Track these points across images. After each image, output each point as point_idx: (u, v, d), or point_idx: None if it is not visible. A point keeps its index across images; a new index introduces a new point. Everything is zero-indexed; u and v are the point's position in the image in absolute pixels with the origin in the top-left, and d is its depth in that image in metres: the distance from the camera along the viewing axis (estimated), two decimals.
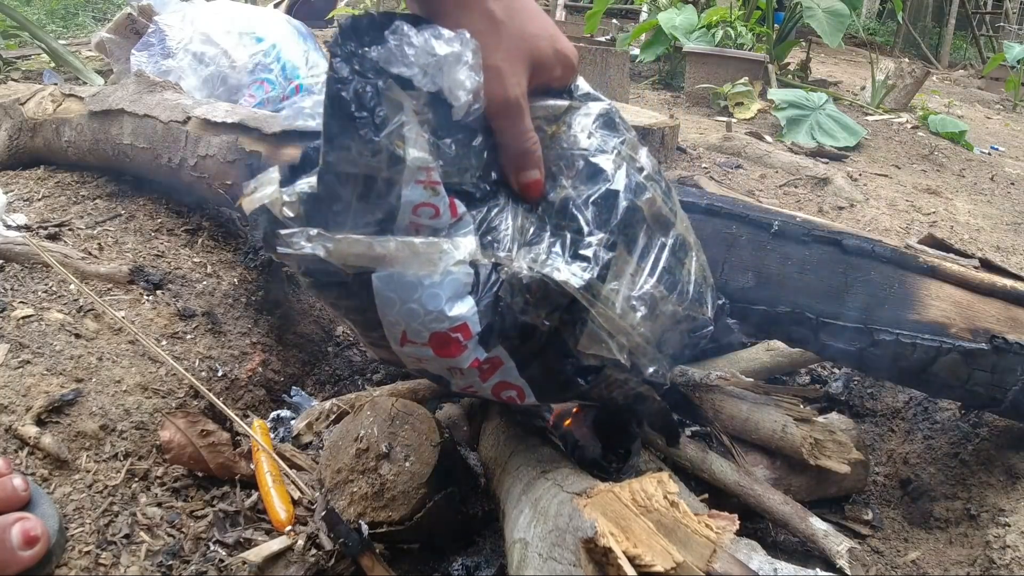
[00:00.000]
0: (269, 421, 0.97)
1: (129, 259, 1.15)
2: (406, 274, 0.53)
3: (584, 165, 0.59)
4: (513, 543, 0.60)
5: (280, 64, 1.73)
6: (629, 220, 0.59)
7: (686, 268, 0.63)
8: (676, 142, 2.06)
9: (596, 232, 0.57)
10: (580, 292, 0.55)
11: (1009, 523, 0.79)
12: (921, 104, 3.93)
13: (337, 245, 0.52)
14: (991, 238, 1.93)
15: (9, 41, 3.08)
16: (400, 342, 0.58)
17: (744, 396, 0.96)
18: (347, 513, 0.75)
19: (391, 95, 0.51)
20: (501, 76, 0.56)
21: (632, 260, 0.59)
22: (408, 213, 0.53)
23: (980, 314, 0.79)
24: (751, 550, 0.52)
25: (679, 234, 0.63)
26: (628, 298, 0.58)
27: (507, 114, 0.57)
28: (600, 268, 0.56)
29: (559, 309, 0.56)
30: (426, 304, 0.54)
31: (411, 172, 0.52)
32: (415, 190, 0.52)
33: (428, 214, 0.53)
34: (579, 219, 0.57)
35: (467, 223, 0.55)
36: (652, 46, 4.44)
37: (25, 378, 0.83)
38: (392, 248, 0.52)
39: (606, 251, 0.57)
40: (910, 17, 8.39)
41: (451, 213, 0.54)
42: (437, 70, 0.52)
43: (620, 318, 0.57)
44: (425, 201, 0.53)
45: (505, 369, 0.59)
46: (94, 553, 0.70)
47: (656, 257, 0.61)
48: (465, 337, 0.56)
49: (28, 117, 1.47)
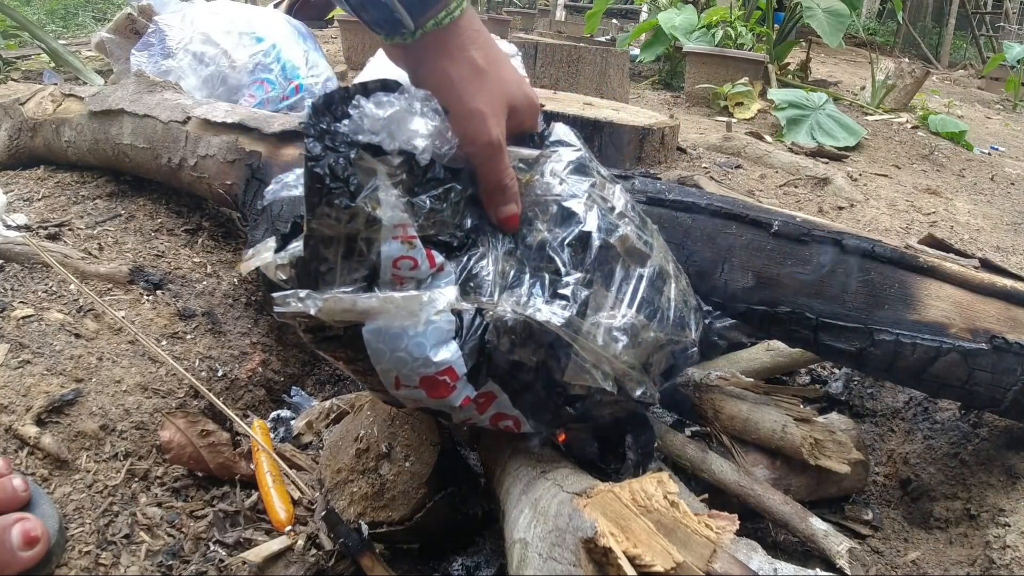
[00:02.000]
0: (269, 421, 0.97)
1: (129, 259, 1.15)
2: (392, 326, 0.58)
3: (557, 209, 0.64)
4: (513, 543, 0.60)
5: (280, 64, 1.73)
6: (603, 257, 0.63)
7: (665, 296, 0.66)
8: (676, 142, 2.06)
9: (573, 272, 0.62)
10: (562, 329, 0.59)
11: (1009, 523, 0.79)
12: (921, 104, 3.93)
13: (325, 304, 0.56)
14: (991, 238, 1.93)
15: (9, 41, 3.08)
16: (395, 386, 0.62)
17: (744, 396, 0.96)
18: (347, 513, 0.75)
19: (363, 163, 0.56)
20: (484, 119, 0.60)
21: (610, 294, 0.63)
22: (389, 267, 0.58)
23: (980, 314, 0.79)
24: (751, 550, 0.52)
25: (656, 264, 0.67)
26: (609, 330, 0.62)
27: (489, 154, 0.61)
28: (579, 305, 0.61)
29: (544, 346, 0.60)
30: (412, 352, 0.59)
31: (388, 230, 0.57)
32: (393, 245, 0.57)
33: (408, 266, 0.58)
34: (556, 260, 0.62)
35: (448, 273, 0.60)
36: (652, 46, 4.44)
37: (25, 378, 0.83)
38: (375, 304, 0.57)
39: (584, 288, 0.61)
40: (910, 17, 8.40)
41: (429, 263, 0.59)
42: (391, 128, 0.58)
43: (602, 349, 0.61)
44: (404, 254, 0.58)
45: (499, 402, 0.63)
46: (94, 553, 0.70)
47: (635, 288, 0.64)
48: (452, 379, 0.60)
49: (28, 117, 1.47)
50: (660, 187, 0.88)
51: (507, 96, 0.63)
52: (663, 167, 1.89)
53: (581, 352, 0.60)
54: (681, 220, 0.85)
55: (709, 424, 0.94)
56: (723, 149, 2.39)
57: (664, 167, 1.90)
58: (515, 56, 2.05)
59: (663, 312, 0.66)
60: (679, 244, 0.84)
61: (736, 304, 0.84)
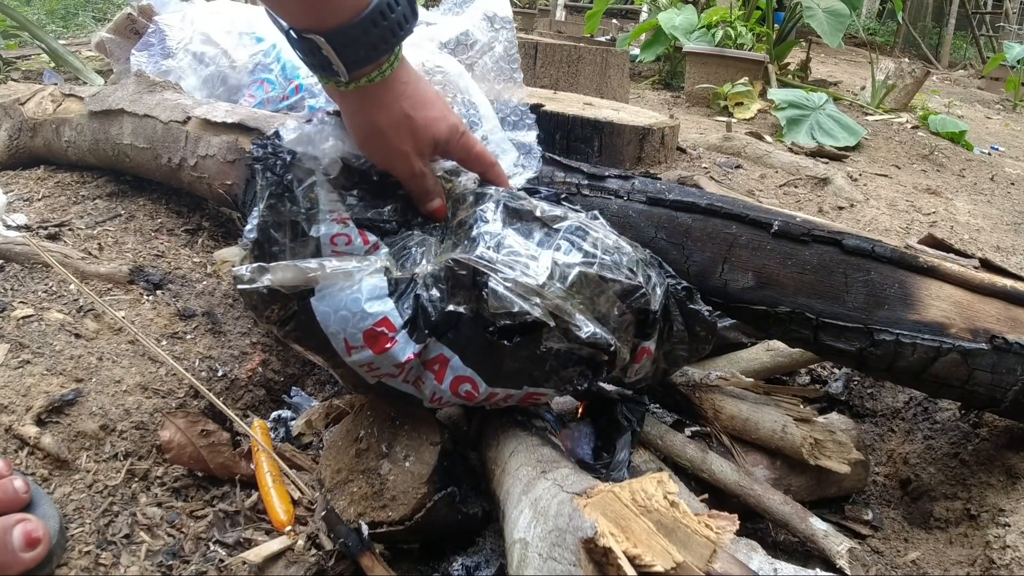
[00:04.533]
0: (269, 421, 0.97)
1: (129, 259, 1.15)
2: (332, 290, 0.67)
3: (473, 198, 0.76)
4: (513, 543, 0.60)
5: (280, 64, 1.73)
6: (513, 215, 0.73)
7: (589, 242, 0.71)
8: (676, 142, 2.05)
9: (484, 224, 0.72)
10: (476, 260, 0.67)
11: (1009, 523, 0.79)
12: (921, 104, 3.93)
13: (273, 273, 0.66)
14: (991, 238, 1.93)
15: (9, 41, 3.08)
16: (347, 352, 0.69)
17: (744, 396, 0.96)
18: (347, 513, 0.75)
19: (301, 164, 0.71)
20: (407, 158, 0.71)
21: (528, 242, 0.71)
22: (328, 244, 0.70)
23: (980, 314, 0.79)
24: (751, 550, 0.53)
25: (574, 221, 0.73)
26: (526, 264, 0.68)
27: (414, 182, 0.74)
28: (493, 245, 0.69)
29: (469, 287, 0.68)
30: (351, 307, 0.67)
31: (324, 214, 0.71)
32: (330, 225, 0.71)
33: (343, 242, 0.70)
34: (471, 227, 0.72)
35: (383, 249, 0.72)
36: (652, 46, 4.44)
37: (25, 378, 0.83)
38: (315, 267, 0.67)
39: (494, 236, 0.70)
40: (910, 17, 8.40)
41: (363, 240, 0.71)
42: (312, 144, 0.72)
43: (523, 277, 0.67)
44: (339, 232, 0.70)
45: (453, 364, 0.70)
46: (94, 553, 0.70)
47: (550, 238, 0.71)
48: (390, 330, 0.67)
49: (28, 117, 1.47)
50: (660, 187, 0.88)
51: (432, 135, 0.72)
52: (663, 167, 1.89)
53: (502, 282, 0.66)
54: (681, 220, 0.85)
55: (709, 424, 0.94)
56: (723, 149, 2.39)
57: (664, 167, 1.90)
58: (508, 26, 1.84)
59: (588, 254, 0.70)
60: (679, 244, 0.84)
61: (736, 304, 0.84)
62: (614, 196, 0.87)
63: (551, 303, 0.66)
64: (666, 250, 0.84)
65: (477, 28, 1.06)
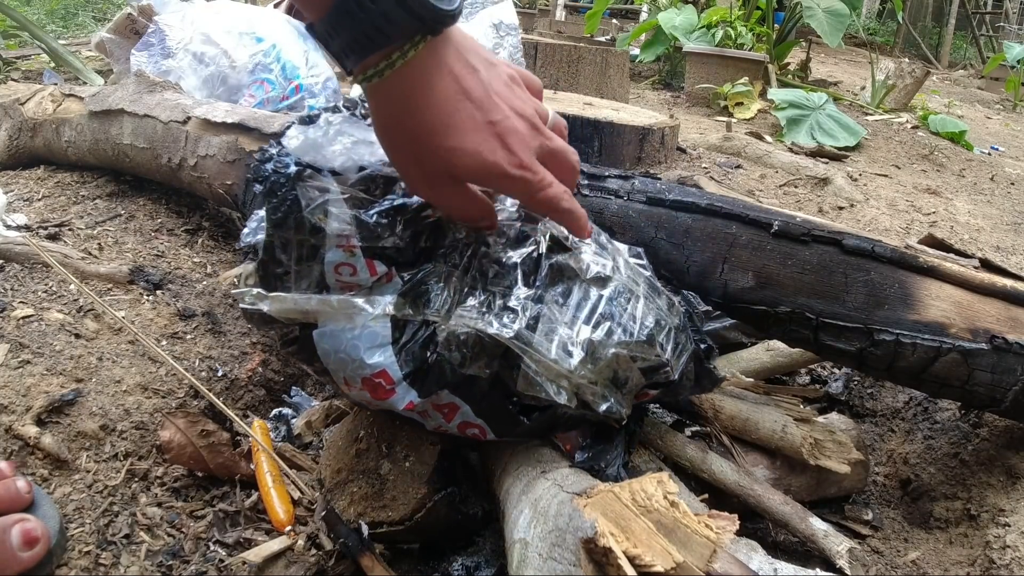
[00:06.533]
0: (269, 421, 0.97)
1: (129, 259, 1.15)
2: (334, 329, 0.63)
3: (515, 232, 0.66)
4: (513, 543, 0.60)
5: (280, 64, 1.73)
6: (556, 277, 0.65)
7: (629, 313, 0.66)
8: (676, 142, 2.06)
9: (524, 288, 0.63)
10: (511, 341, 0.61)
11: (1009, 523, 0.79)
12: (921, 104, 3.93)
13: (272, 303, 0.63)
14: (991, 238, 1.93)
15: (9, 41, 3.08)
16: (346, 386, 0.67)
17: (744, 396, 0.96)
18: (347, 513, 0.75)
19: (310, 181, 0.63)
20: (413, 184, 0.61)
21: (566, 310, 0.64)
22: (332, 272, 0.63)
23: (980, 314, 0.79)
24: (751, 550, 0.53)
25: (619, 284, 0.67)
26: (563, 344, 0.63)
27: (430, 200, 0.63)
28: (529, 319, 0.62)
29: (496, 358, 0.62)
30: (350, 353, 0.63)
31: (331, 239, 0.62)
32: (336, 253, 0.63)
33: (347, 272, 0.63)
34: (508, 279, 0.64)
35: (395, 284, 0.64)
36: (652, 46, 4.44)
37: (25, 378, 0.83)
38: (315, 305, 0.63)
39: (534, 304, 0.63)
40: (910, 17, 8.40)
41: (370, 271, 0.63)
42: (318, 149, 0.64)
43: (555, 363, 0.62)
44: (344, 261, 0.63)
45: (463, 412, 0.67)
46: (94, 553, 0.70)
47: (593, 306, 0.65)
48: (388, 383, 0.64)
49: (28, 117, 1.47)
50: (660, 187, 0.88)
51: (448, 169, 0.56)
52: (663, 167, 1.89)
53: (531, 364, 0.61)
54: (681, 220, 0.85)
55: (709, 424, 0.94)
56: (723, 149, 2.39)
57: (664, 167, 1.90)
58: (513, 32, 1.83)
59: (626, 329, 0.66)
60: (679, 244, 0.84)
61: (736, 304, 0.84)
62: (614, 196, 0.87)
63: (577, 383, 0.64)
64: (666, 250, 0.84)
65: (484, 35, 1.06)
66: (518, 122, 0.57)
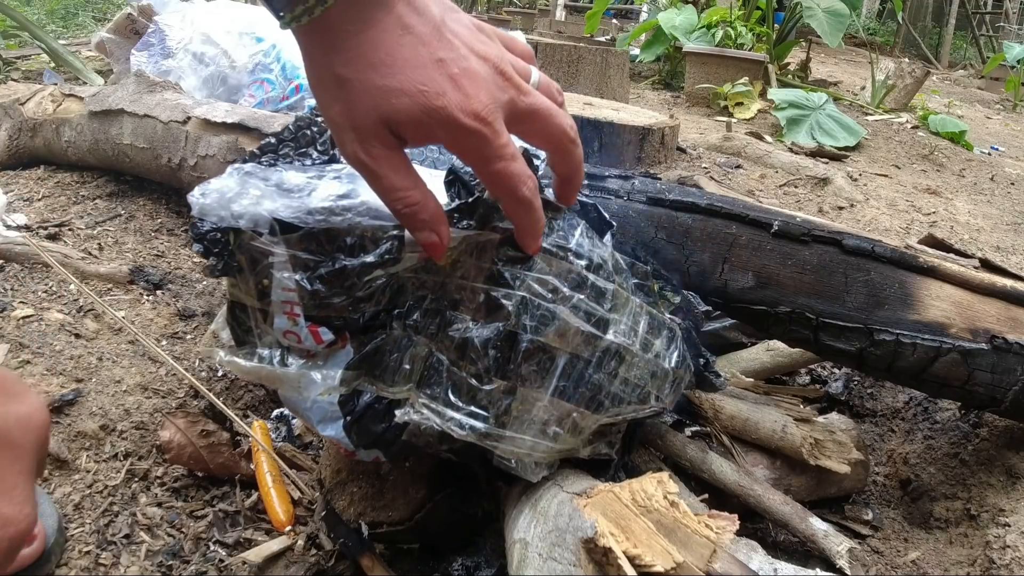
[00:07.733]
0: (269, 421, 0.97)
1: (129, 259, 1.15)
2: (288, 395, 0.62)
3: (484, 299, 0.56)
4: (513, 543, 0.60)
5: (280, 64, 1.73)
6: (533, 358, 0.56)
7: (620, 378, 0.60)
8: (676, 142, 2.06)
9: (494, 380, 0.56)
10: (481, 440, 0.56)
11: (1009, 523, 0.79)
12: (921, 104, 3.93)
13: (231, 365, 0.61)
14: (991, 238, 1.93)
15: (9, 41, 3.08)
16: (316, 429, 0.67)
17: (744, 396, 0.96)
18: (347, 513, 0.75)
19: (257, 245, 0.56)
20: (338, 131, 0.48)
21: (544, 389, 0.57)
22: (282, 338, 0.59)
23: (980, 314, 0.79)
24: (751, 550, 0.53)
25: (610, 344, 0.59)
26: (542, 428, 0.58)
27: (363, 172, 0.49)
28: (500, 414, 0.56)
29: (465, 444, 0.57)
30: (307, 418, 0.64)
31: (277, 306, 0.58)
32: (282, 320, 0.58)
33: (293, 340, 0.59)
34: (478, 364, 0.56)
35: (348, 352, 0.59)
36: (652, 46, 4.45)
37: (25, 378, 0.83)
38: (266, 374, 0.60)
39: (506, 396, 0.56)
40: (910, 17, 8.40)
41: (315, 340, 0.58)
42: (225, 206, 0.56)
43: (532, 448, 0.58)
44: (289, 329, 0.58)
45: None
46: (94, 553, 0.70)
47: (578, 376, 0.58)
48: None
49: (28, 117, 1.47)
50: (660, 187, 0.88)
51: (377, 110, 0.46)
52: (663, 167, 1.89)
53: (505, 452, 0.57)
54: (681, 220, 0.85)
55: (709, 424, 0.94)
56: (723, 149, 2.39)
57: (664, 167, 1.90)
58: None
59: (615, 397, 0.60)
60: (679, 244, 0.84)
61: (736, 304, 0.84)
62: (614, 196, 0.87)
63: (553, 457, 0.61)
64: (666, 250, 0.84)
65: None
66: (477, 63, 0.46)
